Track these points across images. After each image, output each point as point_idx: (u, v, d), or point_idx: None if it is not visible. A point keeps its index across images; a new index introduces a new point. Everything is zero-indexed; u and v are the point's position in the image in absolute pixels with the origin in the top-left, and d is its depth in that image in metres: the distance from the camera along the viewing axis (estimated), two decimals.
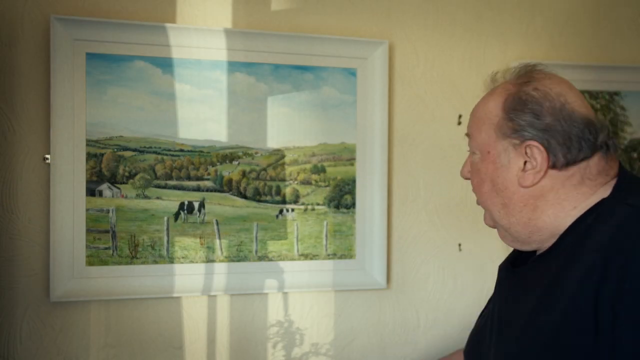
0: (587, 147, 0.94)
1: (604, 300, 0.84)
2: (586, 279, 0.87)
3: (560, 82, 0.98)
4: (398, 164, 1.61)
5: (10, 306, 1.35)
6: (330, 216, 1.54)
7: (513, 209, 0.99)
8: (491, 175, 1.01)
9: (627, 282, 0.83)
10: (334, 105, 1.53)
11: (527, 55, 1.70)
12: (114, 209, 1.39)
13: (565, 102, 0.94)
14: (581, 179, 0.95)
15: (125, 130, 1.39)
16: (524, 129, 0.95)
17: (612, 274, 0.84)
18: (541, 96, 0.95)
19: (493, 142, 1.00)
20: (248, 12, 1.49)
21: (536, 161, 0.95)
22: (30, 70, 1.34)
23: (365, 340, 1.60)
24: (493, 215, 1.04)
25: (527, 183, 0.96)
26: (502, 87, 1.02)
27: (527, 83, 0.98)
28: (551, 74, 1.00)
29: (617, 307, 0.82)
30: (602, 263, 0.86)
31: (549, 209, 0.97)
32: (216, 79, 1.45)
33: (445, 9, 1.64)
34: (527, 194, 0.97)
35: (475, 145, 1.04)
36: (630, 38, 1.80)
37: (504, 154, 0.98)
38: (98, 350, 1.41)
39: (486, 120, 1.01)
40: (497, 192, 1.00)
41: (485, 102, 1.04)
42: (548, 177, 0.95)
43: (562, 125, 0.93)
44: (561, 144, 0.93)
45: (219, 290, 1.46)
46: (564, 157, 0.94)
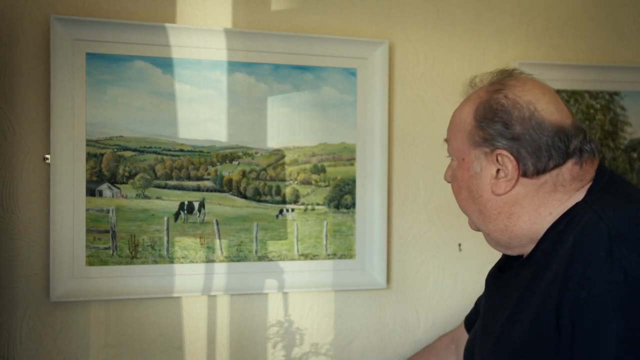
0: (558, 156, 0.93)
1: (563, 310, 0.84)
2: (551, 289, 0.87)
3: (533, 88, 0.97)
4: (398, 164, 1.61)
5: (10, 306, 1.35)
6: (330, 216, 1.54)
7: (489, 216, 0.99)
8: (466, 182, 1.01)
9: (583, 291, 0.82)
10: (334, 105, 1.53)
11: (527, 55, 1.70)
12: (114, 209, 1.39)
13: (534, 110, 0.93)
14: (554, 186, 0.94)
15: (125, 130, 1.39)
16: (494, 138, 0.95)
17: (572, 283, 0.84)
18: (510, 105, 0.94)
19: (467, 150, 1.00)
20: (248, 12, 1.49)
21: (507, 170, 0.95)
22: (30, 70, 1.34)
23: (365, 340, 1.60)
24: (473, 221, 1.05)
25: (500, 191, 0.96)
26: (476, 94, 1.01)
27: (498, 91, 0.97)
28: (525, 79, 0.99)
29: (574, 317, 0.83)
30: (564, 272, 0.86)
31: (524, 216, 0.96)
32: (216, 79, 1.45)
33: (445, 9, 1.64)
34: (501, 202, 0.97)
35: (452, 151, 1.04)
36: (630, 38, 1.80)
37: (476, 162, 0.98)
38: (98, 350, 1.41)
39: (460, 128, 1.01)
40: (473, 199, 1.01)
41: (460, 109, 1.04)
42: (520, 184, 0.95)
43: (531, 134, 0.93)
44: (530, 153, 0.93)
45: (219, 290, 1.46)
46: (534, 166, 0.93)
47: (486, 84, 1.02)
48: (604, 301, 0.81)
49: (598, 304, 0.81)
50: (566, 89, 1.71)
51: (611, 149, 1.76)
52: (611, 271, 0.81)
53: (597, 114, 1.74)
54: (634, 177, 1.77)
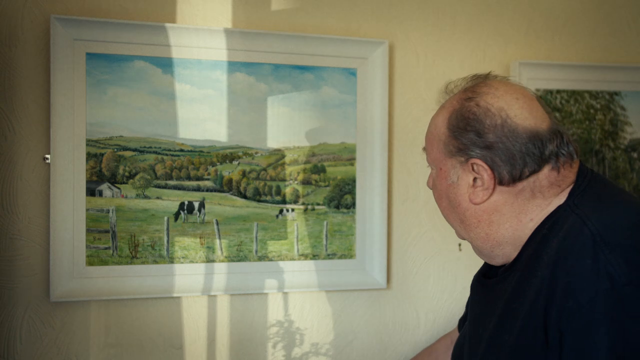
0: (533, 162, 0.91)
1: (551, 319, 0.83)
2: (537, 298, 0.86)
3: (505, 94, 0.94)
4: (398, 164, 1.61)
5: (10, 306, 1.35)
6: (330, 216, 1.54)
7: (469, 224, 0.98)
8: (445, 191, 1.00)
9: (570, 300, 0.81)
10: (334, 105, 1.53)
11: (527, 55, 1.70)
12: (114, 209, 1.39)
13: (506, 117, 0.91)
14: (532, 192, 0.93)
15: (125, 130, 1.39)
16: (467, 147, 0.93)
17: (558, 292, 0.83)
18: (482, 113, 0.93)
19: (443, 159, 0.98)
20: (248, 12, 1.49)
21: (483, 179, 0.93)
22: (30, 70, 1.34)
23: (365, 340, 1.60)
24: (455, 229, 1.04)
25: (478, 200, 0.95)
26: (449, 102, 0.99)
27: (470, 99, 0.95)
28: (499, 84, 0.97)
29: (562, 326, 0.81)
30: (549, 281, 0.85)
31: (505, 223, 0.95)
32: (216, 79, 1.45)
33: (445, 9, 1.64)
34: (479, 210, 0.96)
35: (430, 160, 1.03)
36: (630, 38, 1.80)
37: (453, 171, 0.97)
38: (98, 350, 1.41)
39: (436, 137, 1.00)
40: (453, 208, 1.00)
41: (435, 117, 1.02)
42: (498, 192, 0.94)
43: (504, 142, 0.91)
44: (505, 161, 0.91)
45: (219, 290, 1.46)
46: (509, 174, 0.92)
47: (458, 91, 1.00)
48: (592, 309, 0.79)
49: (585, 312, 0.80)
50: (566, 89, 1.71)
51: (611, 149, 1.76)
52: (597, 279, 0.80)
53: (597, 114, 1.74)
54: (634, 177, 1.78)
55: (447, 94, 1.03)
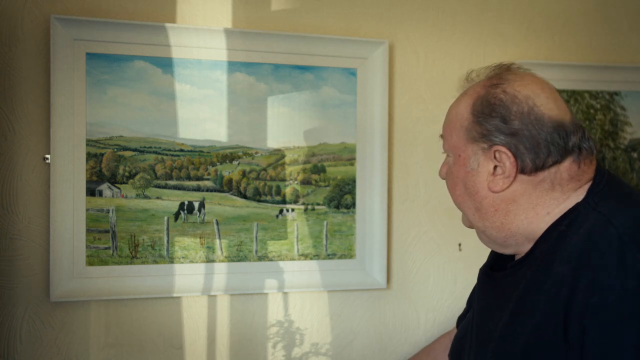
0: (557, 152, 0.91)
1: (573, 316, 0.82)
2: (557, 293, 0.85)
3: (531, 83, 0.95)
4: (398, 164, 1.61)
5: (10, 306, 1.35)
6: (330, 216, 1.54)
7: (485, 213, 0.98)
8: (463, 178, 0.99)
9: (595, 297, 0.81)
10: (334, 105, 1.53)
11: (527, 55, 1.70)
12: (114, 209, 1.39)
13: (533, 105, 0.91)
14: (551, 184, 0.92)
15: (125, 130, 1.39)
16: (491, 133, 0.93)
17: (581, 287, 0.82)
18: (509, 100, 0.92)
19: (463, 146, 0.98)
20: (248, 12, 1.49)
21: (505, 166, 0.93)
22: (30, 70, 1.34)
23: (365, 340, 1.60)
24: (469, 218, 1.03)
25: (497, 188, 0.94)
26: (473, 89, 0.99)
27: (495, 85, 0.95)
28: (524, 74, 0.97)
29: (585, 322, 0.81)
30: (571, 276, 0.84)
31: (521, 214, 0.95)
32: (216, 79, 1.45)
33: (445, 9, 1.64)
34: (498, 199, 0.95)
35: (448, 147, 1.02)
36: (630, 38, 1.80)
37: (473, 158, 0.96)
38: (98, 350, 1.41)
39: (457, 123, 0.99)
40: (469, 195, 0.99)
41: (457, 104, 1.01)
42: (518, 182, 0.93)
43: (529, 130, 0.91)
44: (529, 149, 0.91)
45: (219, 290, 1.46)
46: (532, 162, 0.91)
47: (483, 78, 1.00)
48: (618, 307, 0.79)
49: (611, 310, 0.79)
50: (566, 89, 1.71)
51: (611, 149, 1.76)
52: (625, 277, 0.80)
53: (597, 114, 1.74)
54: (634, 177, 1.77)
55: (468, 82, 1.03)
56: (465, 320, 1.17)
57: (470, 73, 1.03)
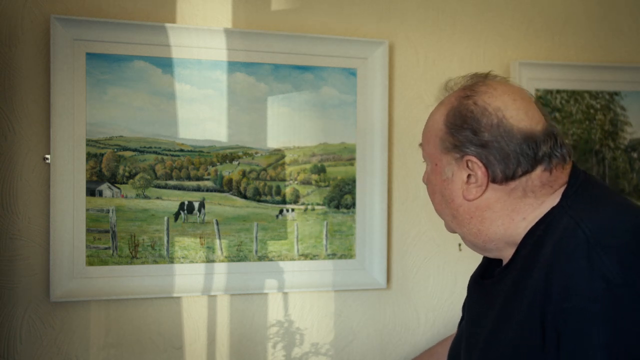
0: (526, 162, 0.93)
1: (548, 320, 0.84)
2: (534, 299, 0.87)
3: (503, 94, 0.96)
4: (398, 164, 1.61)
5: (10, 306, 1.35)
6: (330, 216, 1.54)
7: (462, 220, 1.00)
8: (440, 187, 1.01)
9: (566, 302, 0.82)
10: (334, 105, 1.53)
11: (527, 55, 1.70)
12: (114, 209, 1.39)
13: (502, 117, 0.93)
14: (524, 192, 0.94)
15: (125, 130, 1.39)
16: (463, 144, 0.95)
17: (554, 292, 0.84)
18: (479, 112, 0.94)
19: (439, 155, 1.00)
20: (248, 12, 1.49)
21: (477, 176, 0.95)
22: (30, 70, 1.34)
23: (365, 340, 1.60)
24: (448, 224, 1.05)
25: (471, 196, 0.96)
26: (448, 99, 1.01)
27: (468, 97, 0.97)
28: (497, 84, 0.98)
29: (559, 327, 0.82)
30: (544, 282, 0.86)
31: (497, 220, 0.96)
32: (216, 79, 1.45)
33: (445, 9, 1.64)
34: (472, 206, 0.97)
35: (426, 155, 1.04)
36: (630, 38, 1.80)
37: (448, 167, 0.98)
38: (98, 350, 1.41)
39: (432, 133, 1.01)
40: (446, 203, 1.01)
41: (433, 113, 1.03)
42: (491, 190, 0.95)
43: (499, 141, 0.92)
44: (499, 160, 0.93)
45: (219, 290, 1.46)
46: (502, 173, 0.93)
47: (457, 89, 1.02)
48: (588, 311, 0.80)
49: (581, 313, 0.81)
50: (566, 89, 1.71)
51: (611, 149, 1.76)
52: (592, 280, 0.81)
53: (597, 114, 1.74)
54: (634, 177, 1.78)
55: (447, 90, 1.05)
56: (459, 328, 1.18)
57: (449, 82, 1.05)
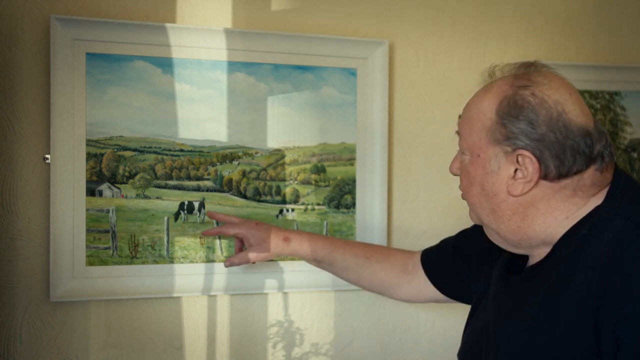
0: (582, 160, 0.89)
1: (604, 323, 0.80)
2: (585, 300, 0.83)
3: (560, 87, 0.92)
4: (398, 164, 1.61)
5: (10, 306, 1.35)
6: (330, 216, 1.54)
7: (502, 215, 0.95)
8: (480, 179, 0.96)
9: (628, 306, 0.79)
10: (334, 105, 1.53)
11: (527, 55, 1.69)
12: (114, 209, 1.39)
13: (562, 111, 0.89)
14: (573, 191, 0.90)
15: (125, 130, 1.39)
16: (517, 137, 0.90)
17: (612, 294, 0.80)
18: (538, 103, 0.89)
19: (484, 146, 0.94)
20: (248, 12, 1.49)
21: (527, 171, 0.90)
22: (30, 70, 1.34)
23: (365, 340, 1.60)
24: (482, 218, 1.00)
25: (517, 192, 0.91)
26: (498, 87, 0.95)
27: (525, 87, 0.91)
28: (552, 76, 0.94)
29: (619, 331, 0.79)
30: (600, 282, 0.82)
31: (539, 218, 0.92)
32: (216, 79, 1.45)
33: (445, 9, 1.64)
34: (516, 202, 0.93)
35: (466, 145, 0.99)
36: (630, 38, 1.80)
37: (494, 160, 0.93)
38: (98, 350, 1.41)
39: (478, 121, 0.95)
40: (486, 197, 0.96)
41: (479, 100, 0.97)
42: (539, 187, 0.91)
43: (557, 136, 0.88)
44: (554, 156, 0.88)
45: (219, 290, 1.46)
46: (557, 170, 0.89)
47: (508, 76, 0.96)
48: None
49: None
50: None
51: None
52: None
53: (597, 114, 1.74)
54: (634, 177, 1.77)
55: (491, 77, 0.99)
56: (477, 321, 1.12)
57: (494, 68, 0.99)
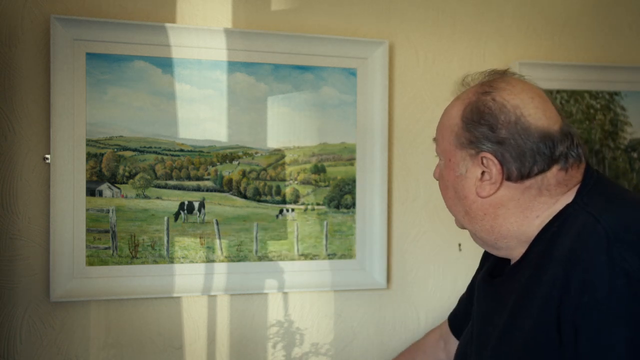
0: (543, 161, 0.92)
1: (565, 315, 0.84)
2: (550, 294, 0.87)
3: (521, 92, 0.95)
4: (398, 164, 1.61)
5: (10, 306, 1.35)
6: (330, 216, 1.54)
7: (475, 217, 0.99)
8: (452, 182, 1.01)
9: (585, 296, 0.82)
10: (334, 105, 1.53)
11: (527, 55, 1.70)
12: (114, 209, 1.39)
13: (521, 115, 0.93)
14: (539, 190, 0.94)
15: (125, 130, 1.39)
16: (479, 140, 0.94)
17: (572, 287, 0.84)
18: (497, 108, 0.94)
19: (453, 151, 0.99)
20: (248, 12, 1.49)
21: (492, 173, 0.94)
22: (30, 70, 1.34)
23: (365, 340, 1.60)
24: (459, 220, 1.05)
25: (484, 193, 0.96)
26: (466, 94, 1.01)
27: (486, 93, 0.96)
28: (516, 82, 0.98)
29: (577, 322, 0.82)
30: (563, 276, 0.85)
31: (510, 217, 0.96)
32: (216, 79, 1.45)
33: (445, 9, 1.64)
34: (486, 203, 0.97)
35: (440, 151, 1.04)
36: (630, 38, 1.80)
37: (462, 163, 0.98)
38: (98, 350, 1.41)
39: (447, 128, 1.01)
40: (459, 199, 1.01)
41: (450, 108, 1.03)
42: (505, 187, 0.95)
43: (516, 139, 0.92)
44: (515, 158, 0.92)
45: (219, 290, 1.46)
46: (518, 171, 0.93)
47: (477, 84, 1.01)
48: (608, 305, 0.80)
49: (601, 308, 0.80)
50: (566, 89, 1.71)
51: (611, 149, 1.76)
52: (613, 275, 0.81)
53: (597, 114, 1.74)
54: (634, 177, 1.77)
55: (464, 86, 1.04)
56: (467, 327, 1.17)
57: (466, 77, 1.05)
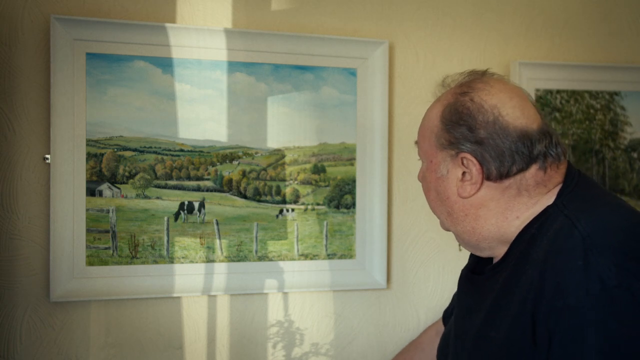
0: (521, 160, 0.93)
1: (539, 318, 0.84)
2: (526, 296, 0.87)
3: (499, 92, 0.96)
4: (398, 164, 1.61)
5: (10, 306, 1.35)
6: (330, 216, 1.54)
7: (457, 217, 1.00)
8: (434, 184, 1.01)
9: (559, 300, 0.82)
10: (334, 105, 1.53)
11: (527, 56, 1.70)
12: (114, 209, 1.39)
13: (499, 115, 0.93)
14: (518, 190, 0.94)
15: (125, 130, 1.39)
16: (459, 141, 0.95)
17: (547, 291, 0.84)
18: (475, 108, 0.94)
19: (434, 152, 1.00)
20: (248, 12, 1.49)
21: (472, 173, 0.95)
22: (30, 70, 1.34)
23: (365, 340, 1.60)
24: (443, 222, 1.05)
25: (466, 194, 0.96)
26: (445, 96, 1.01)
27: (464, 94, 0.97)
28: (494, 82, 0.98)
29: (551, 326, 0.82)
30: (539, 279, 0.86)
31: (491, 218, 0.97)
32: (216, 79, 1.45)
33: (445, 9, 1.64)
34: (467, 204, 0.98)
35: (421, 153, 1.05)
36: (630, 38, 1.80)
37: (443, 165, 0.99)
38: (98, 350, 1.41)
39: (428, 129, 1.02)
40: (441, 201, 1.01)
41: (430, 110, 1.04)
42: (485, 188, 0.95)
43: (494, 139, 0.93)
44: (494, 158, 0.93)
45: (219, 290, 1.46)
46: (497, 170, 0.93)
47: (456, 85, 1.02)
48: (581, 311, 0.80)
49: (575, 313, 0.81)
50: (566, 89, 1.71)
51: (611, 149, 1.76)
52: (588, 281, 0.81)
53: (597, 114, 1.74)
54: (634, 177, 1.77)
55: (444, 87, 1.05)
56: (450, 319, 1.18)
57: (446, 78, 1.05)
